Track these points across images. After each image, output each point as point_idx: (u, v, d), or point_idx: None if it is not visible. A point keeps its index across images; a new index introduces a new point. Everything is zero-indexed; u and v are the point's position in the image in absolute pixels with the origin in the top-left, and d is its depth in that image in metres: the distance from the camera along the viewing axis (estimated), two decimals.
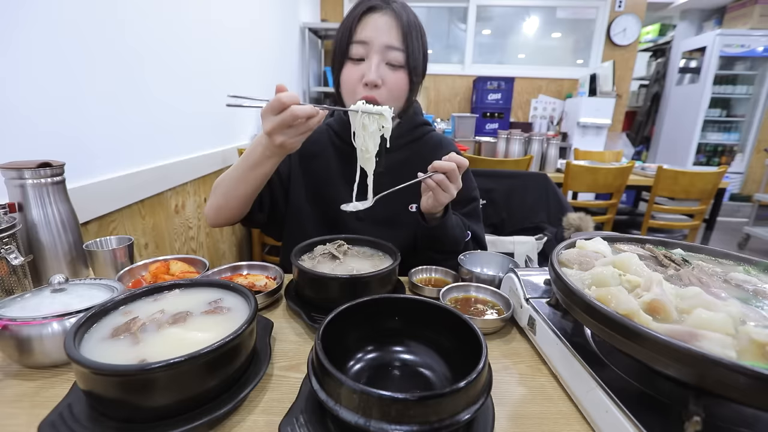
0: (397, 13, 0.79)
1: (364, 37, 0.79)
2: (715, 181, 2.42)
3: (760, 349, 0.34)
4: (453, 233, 0.85)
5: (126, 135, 1.19)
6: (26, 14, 0.85)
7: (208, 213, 0.86)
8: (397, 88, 0.82)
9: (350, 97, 0.83)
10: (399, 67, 0.81)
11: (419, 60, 0.82)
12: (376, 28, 0.79)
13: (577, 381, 0.47)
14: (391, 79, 0.81)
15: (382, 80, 0.80)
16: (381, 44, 0.79)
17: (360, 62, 0.81)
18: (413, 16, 0.83)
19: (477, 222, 0.99)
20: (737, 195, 5.03)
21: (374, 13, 0.80)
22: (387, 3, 0.80)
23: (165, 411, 0.40)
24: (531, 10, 4.49)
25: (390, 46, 0.79)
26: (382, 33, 0.79)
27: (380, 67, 0.80)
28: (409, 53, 0.80)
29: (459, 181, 0.77)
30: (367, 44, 0.79)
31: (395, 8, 0.80)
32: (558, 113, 4.34)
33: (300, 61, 3.46)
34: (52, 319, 0.48)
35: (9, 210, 0.65)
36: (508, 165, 2.56)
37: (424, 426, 0.33)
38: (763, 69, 4.67)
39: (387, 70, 0.80)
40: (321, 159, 0.95)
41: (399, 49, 0.79)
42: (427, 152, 0.92)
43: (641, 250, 0.60)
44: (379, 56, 0.79)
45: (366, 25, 0.79)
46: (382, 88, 0.80)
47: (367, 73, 0.79)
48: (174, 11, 1.43)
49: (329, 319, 0.45)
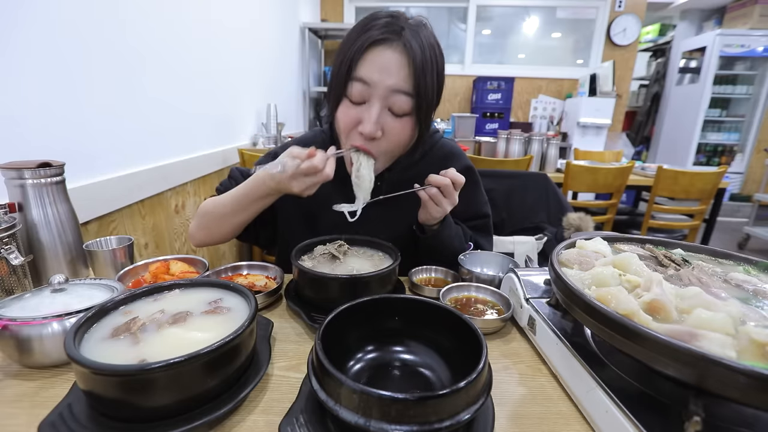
0: (409, 48, 0.65)
1: (366, 76, 0.66)
2: (715, 181, 2.42)
3: (760, 349, 0.34)
4: (450, 244, 0.83)
5: (126, 135, 1.19)
6: (26, 14, 0.85)
7: (195, 234, 0.83)
8: (398, 139, 0.72)
9: (344, 139, 0.74)
10: (405, 114, 0.69)
11: (432, 103, 0.70)
12: (382, 67, 0.66)
13: (577, 381, 0.47)
14: (392, 128, 0.70)
15: (382, 130, 0.69)
16: (386, 88, 0.66)
17: (359, 104, 0.69)
18: (430, 50, 0.67)
19: (486, 238, 0.96)
20: (737, 195, 5.03)
21: (381, 47, 0.65)
22: (398, 34, 0.65)
23: (165, 411, 0.40)
24: (531, 10, 4.49)
25: (396, 90, 0.66)
26: (388, 74, 0.65)
27: (381, 115, 0.68)
28: (421, 98, 0.67)
29: (454, 197, 0.73)
30: (369, 86, 0.66)
31: (407, 40, 0.65)
32: (558, 113, 4.34)
33: (300, 61, 3.46)
34: (52, 319, 0.48)
35: (9, 210, 0.65)
36: (508, 165, 2.56)
37: (424, 426, 0.33)
38: (763, 69, 4.67)
39: (389, 118, 0.69)
40: None
41: (407, 94, 0.67)
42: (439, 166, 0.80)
43: (641, 250, 0.60)
44: (382, 102, 0.67)
45: (370, 61, 0.66)
46: (381, 139, 0.70)
47: (365, 122, 0.68)
48: (174, 11, 1.43)
49: (329, 319, 0.45)
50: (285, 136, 2.47)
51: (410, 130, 0.72)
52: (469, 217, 0.93)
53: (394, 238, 0.78)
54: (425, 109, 0.69)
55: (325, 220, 0.83)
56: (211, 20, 1.74)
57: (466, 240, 0.90)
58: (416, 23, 0.69)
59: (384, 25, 0.66)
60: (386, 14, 0.69)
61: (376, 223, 0.85)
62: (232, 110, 2.09)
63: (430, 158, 0.88)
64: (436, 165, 0.79)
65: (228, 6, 1.93)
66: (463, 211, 0.88)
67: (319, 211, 0.86)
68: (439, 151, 0.89)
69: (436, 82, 0.70)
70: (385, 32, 0.66)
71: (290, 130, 2.94)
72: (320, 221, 0.86)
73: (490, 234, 0.98)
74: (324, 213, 0.82)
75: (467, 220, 0.93)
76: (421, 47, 0.66)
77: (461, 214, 0.90)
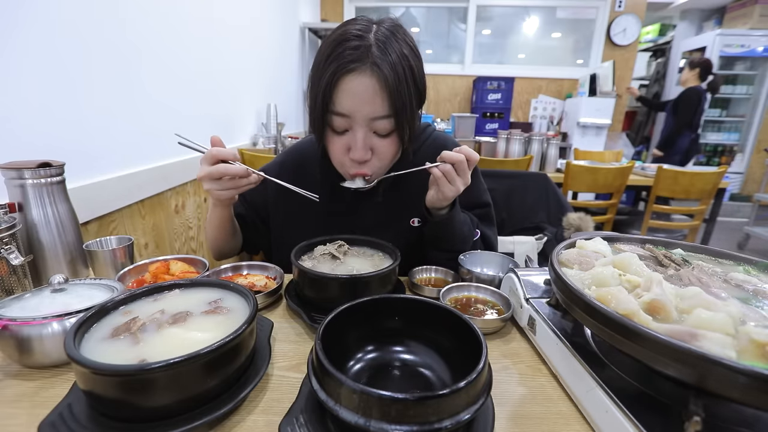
0: (378, 71, 0.64)
1: (343, 110, 0.67)
2: (715, 181, 2.42)
3: (760, 349, 0.34)
4: (461, 229, 0.81)
5: (126, 135, 1.19)
6: (26, 14, 0.85)
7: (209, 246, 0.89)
8: (387, 155, 0.74)
9: (340, 168, 0.77)
10: (389, 133, 0.71)
11: (413, 113, 0.71)
12: (356, 97, 0.66)
13: (577, 381, 0.47)
14: (380, 146, 0.72)
15: (371, 150, 0.72)
16: (364, 117, 0.67)
17: (343, 132, 0.71)
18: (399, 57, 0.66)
19: (490, 227, 0.95)
20: (737, 195, 5.04)
21: (351, 76, 0.65)
22: (365, 56, 0.64)
23: (165, 411, 0.40)
24: (531, 10, 4.49)
25: (375, 117, 0.67)
26: (364, 104, 0.66)
27: (367, 138, 0.70)
28: (399, 118, 0.68)
29: (467, 176, 0.72)
30: (349, 117, 0.68)
31: (376, 62, 0.64)
32: (558, 113, 4.34)
33: (300, 61, 3.46)
34: (52, 319, 0.48)
35: (9, 210, 0.65)
36: (508, 165, 2.56)
37: (424, 426, 0.33)
38: (763, 69, 4.67)
39: (375, 139, 0.71)
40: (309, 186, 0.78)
41: (386, 117, 0.68)
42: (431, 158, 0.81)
43: (641, 250, 0.60)
44: (365, 128, 0.69)
45: (344, 93, 0.66)
46: (372, 159, 0.73)
47: (353, 149, 0.70)
48: (175, 10, 1.43)
49: (329, 319, 0.45)
50: (285, 136, 2.47)
51: (397, 144, 0.74)
52: (469, 206, 0.92)
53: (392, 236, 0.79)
54: (407, 123, 0.70)
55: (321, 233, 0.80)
56: (212, 20, 1.74)
57: (474, 227, 0.88)
58: (386, 32, 0.67)
59: (352, 49, 0.64)
60: (355, 33, 0.66)
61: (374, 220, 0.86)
62: (232, 110, 2.09)
63: (424, 152, 0.88)
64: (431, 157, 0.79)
65: (228, 6, 1.93)
66: (463, 201, 0.87)
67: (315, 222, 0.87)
68: (432, 144, 0.90)
69: (414, 93, 0.70)
70: (353, 59, 0.64)
71: (290, 130, 2.94)
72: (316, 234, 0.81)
73: (494, 223, 0.96)
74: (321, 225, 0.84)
75: (468, 209, 0.91)
76: (392, 64, 0.65)
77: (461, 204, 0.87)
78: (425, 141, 0.91)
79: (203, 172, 0.67)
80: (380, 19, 0.70)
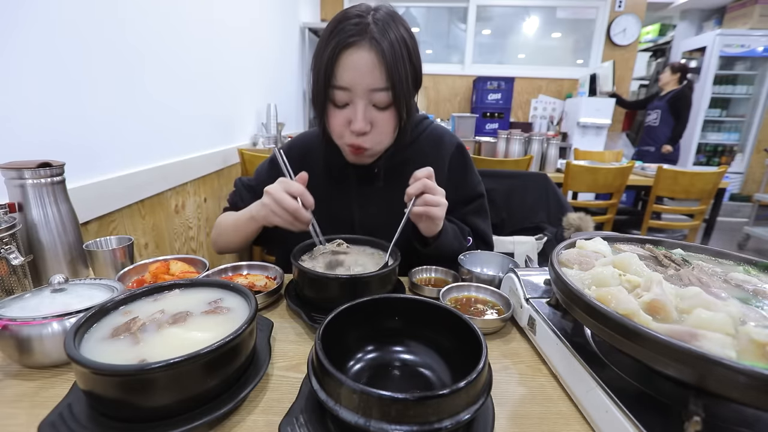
0: (377, 45, 0.68)
1: (344, 83, 0.70)
2: (715, 181, 2.42)
3: (760, 349, 0.34)
4: (451, 248, 0.84)
5: (126, 135, 1.19)
6: (26, 14, 0.85)
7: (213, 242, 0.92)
8: (386, 128, 0.77)
9: (338, 140, 0.80)
10: (387, 106, 0.74)
11: (409, 89, 0.74)
12: (356, 70, 0.69)
13: (577, 381, 0.47)
14: (379, 120, 0.75)
15: (371, 124, 0.75)
16: (364, 89, 0.71)
17: (344, 106, 0.74)
18: (396, 33, 0.70)
19: (484, 219, 0.96)
20: (737, 195, 5.03)
21: (351, 51, 0.68)
22: (364, 32, 0.68)
23: (165, 411, 0.40)
24: (531, 10, 4.49)
25: (374, 89, 0.71)
26: (363, 76, 0.69)
27: (367, 111, 0.73)
28: (396, 90, 0.71)
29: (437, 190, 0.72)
30: (350, 90, 0.71)
31: (375, 37, 0.68)
32: (558, 113, 4.34)
33: (300, 61, 3.47)
34: (52, 319, 0.48)
35: (9, 210, 0.65)
36: (508, 165, 2.56)
37: (424, 426, 0.33)
38: (763, 69, 4.67)
39: (374, 112, 0.74)
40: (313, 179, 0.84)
41: (384, 89, 0.71)
42: (429, 151, 0.91)
43: (641, 250, 0.60)
44: (365, 100, 0.72)
45: (344, 66, 0.69)
46: (370, 133, 0.75)
47: (353, 121, 0.73)
48: (175, 10, 1.43)
49: (329, 319, 0.45)
50: (285, 136, 2.47)
51: (395, 119, 0.76)
52: (464, 200, 0.93)
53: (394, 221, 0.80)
54: (404, 97, 0.73)
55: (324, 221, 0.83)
56: (212, 20, 1.74)
57: (464, 237, 0.90)
58: (384, 15, 0.71)
59: (352, 26, 0.69)
60: (355, 13, 0.70)
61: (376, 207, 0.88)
62: (232, 110, 2.09)
63: (421, 143, 0.91)
64: (428, 148, 0.87)
65: (228, 6, 1.93)
66: (458, 195, 0.90)
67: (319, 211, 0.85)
68: (429, 136, 0.93)
69: (411, 71, 0.73)
70: (353, 34, 0.68)
71: (290, 130, 2.94)
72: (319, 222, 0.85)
73: (487, 215, 0.98)
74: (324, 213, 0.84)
75: (463, 203, 0.93)
76: (390, 41, 0.69)
77: (457, 198, 0.90)
78: (424, 131, 0.92)
79: (278, 193, 0.69)
80: (378, 6, 0.74)
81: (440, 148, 0.92)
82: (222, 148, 1.90)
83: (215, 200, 1.87)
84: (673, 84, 3.68)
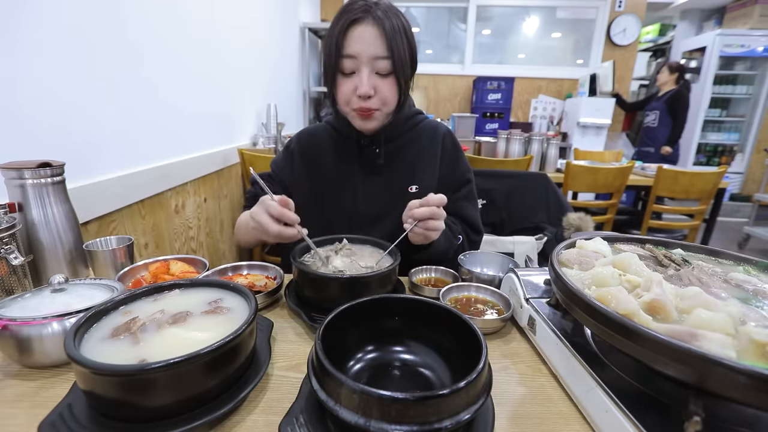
0: (379, 22, 0.81)
1: (352, 51, 0.81)
2: (715, 181, 2.42)
3: (760, 349, 0.34)
4: (441, 251, 0.89)
5: (126, 135, 1.19)
6: (28, 15, 0.85)
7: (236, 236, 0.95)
8: (387, 94, 0.86)
9: (346, 107, 0.89)
10: (388, 74, 0.84)
11: (406, 62, 0.86)
12: (362, 40, 0.81)
13: (577, 381, 0.47)
14: (381, 86, 0.85)
15: (374, 89, 0.84)
16: (368, 56, 0.81)
17: (351, 75, 0.85)
18: (396, 19, 0.83)
19: (472, 204, 1.03)
20: (737, 195, 5.03)
21: (358, 25, 0.81)
22: (368, 11, 0.81)
23: (165, 411, 0.40)
24: (531, 10, 4.49)
25: (377, 57, 0.82)
26: (368, 45, 0.81)
27: (371, 77, 0.83)
28: (395, 60, 0.82)
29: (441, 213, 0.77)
30: (356, 58, 0.82)
31: (378, 16, 0.81)
32: (558, 113, 4.34)
33: (300, 61, 3.46)
34: (52, 319, 0.48)
35: (9, 210, 0.65)
36: (508, 165, 2.56)
37: (424, 426, 0.33)
38: (763, 69, 4.67)
39: (377, 79, 0.84)
40: (322, 160, 1.00)
41: (386, 58, 0.82)
42: (424, 139, 1.00)
43: (641, 250, 0.60)
44: (369, 68, 0.83)
45: (352, 38, 0.81)
46: (374, 97, 0.85)
47: (359, 86, 0.83)
48: (176, 10, 1.43)
49: (329, 319, 0.45)
50: (285, 136, 2.47)
51: (395, 86, 0.86)
52: (453, 187, 1.01)
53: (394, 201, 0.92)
54: (402, 67, 0.84)
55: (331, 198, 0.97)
56: (212, 20, 1.74)
57: (455, 236, 0.96)
58: (384, 6, 0.84)
59: (358, 8, 0.82)
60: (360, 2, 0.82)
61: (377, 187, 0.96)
62: (232, 110, 2.09)
63: (417, 131, 1.01)
64: (423, 137, 1.00)
65: (228, 6, 1.92)
66: (449, 181, 1.00)
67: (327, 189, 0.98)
68: (424, 127, 1.03)
69: (407, 45, 0.85)
70: (359, 12, 0.81)
71: (290, 130, 2.94)
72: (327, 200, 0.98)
73: (475, 199, 1.06)
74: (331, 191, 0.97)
75: (454, 189, 1.00)
76: (389, 18, 0.82)
77: (448, 184, 1.00)
78: (420, 122, 1.03)
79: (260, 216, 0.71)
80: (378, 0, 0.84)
81: (434, 136, 1.02)
82: (222, 148, 1.90)
83: (215, 200, 1.87)
84: (671, 84, 3.66)
